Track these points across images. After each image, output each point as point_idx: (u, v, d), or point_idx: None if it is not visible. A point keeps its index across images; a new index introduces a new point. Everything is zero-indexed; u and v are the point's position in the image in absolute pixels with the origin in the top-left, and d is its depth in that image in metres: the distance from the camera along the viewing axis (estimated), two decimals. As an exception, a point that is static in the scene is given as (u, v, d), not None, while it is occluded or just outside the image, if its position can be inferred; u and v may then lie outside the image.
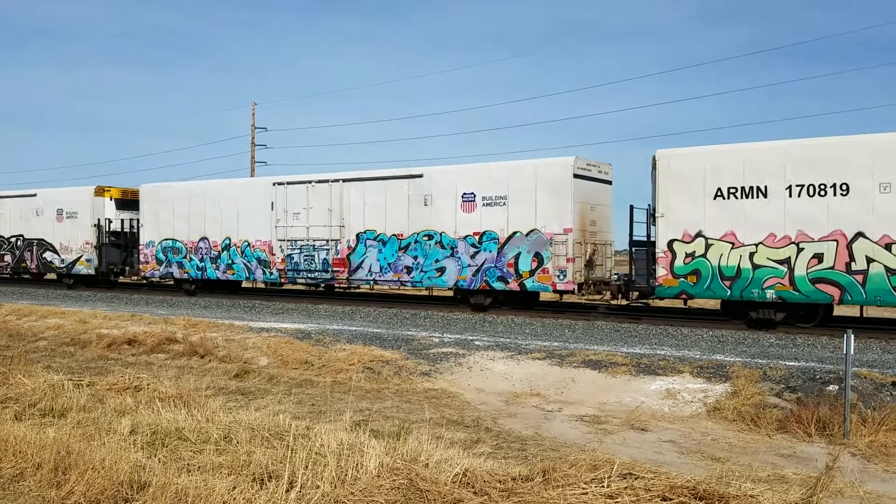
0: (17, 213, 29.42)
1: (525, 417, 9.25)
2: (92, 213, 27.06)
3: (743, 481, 5.39)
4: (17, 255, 29.27)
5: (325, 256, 21.01)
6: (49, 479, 5.83)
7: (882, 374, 9.72)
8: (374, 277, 20.16)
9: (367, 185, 20.46)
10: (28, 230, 28.93)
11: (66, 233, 27.66)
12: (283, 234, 21.86)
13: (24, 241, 29.01)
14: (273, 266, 22.07)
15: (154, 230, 25.15)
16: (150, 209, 25.32)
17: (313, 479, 5.51)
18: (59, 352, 14.39)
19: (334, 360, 12.33)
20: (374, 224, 20.22)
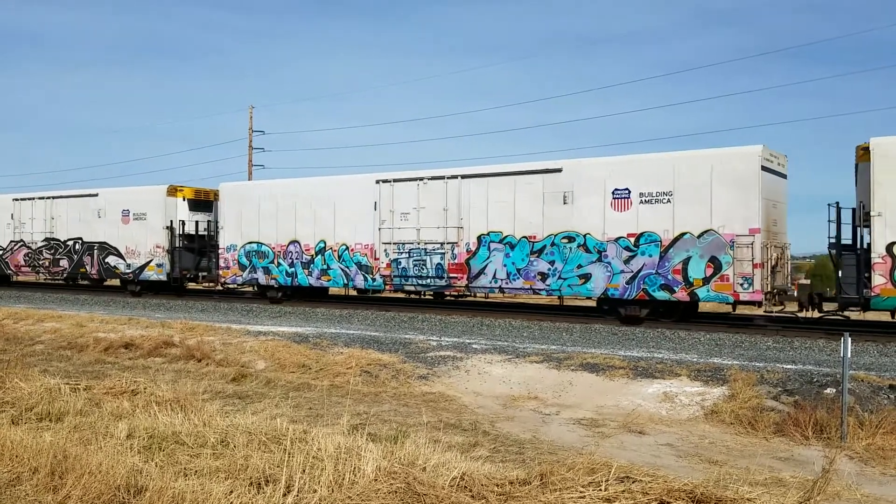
0: (74, 215, 27.04)
1: (523, 421, 9.24)
2: (164, 214, 24.94)
3: (740, 484, 5.39)
4: (75, 259, 26.92)
5: (438, 261, 18.90)
6: (45, 483, 5.81)
7: (879, 377, 9.73)
8: (499, 285, 17.97)
9: (492, 182, 18.25)
10: (88, 233, 26.60)
11: (134, 235, 25.46)
12: (389, 237, 19.79)
13: (84, 245, 26.66)
14: (376, 272, 20.00)
15: (236, 232, 22.93)
16: (233, 209, 23.06)
17: (310, 483, 5.51)
18: (55, 356, 14.37)
19: (332, 363, 12.33)
20: (500, 225, 18.01)
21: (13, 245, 28.83)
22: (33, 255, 28.13)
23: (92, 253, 26.55)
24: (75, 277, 27.50)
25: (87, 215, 26.88)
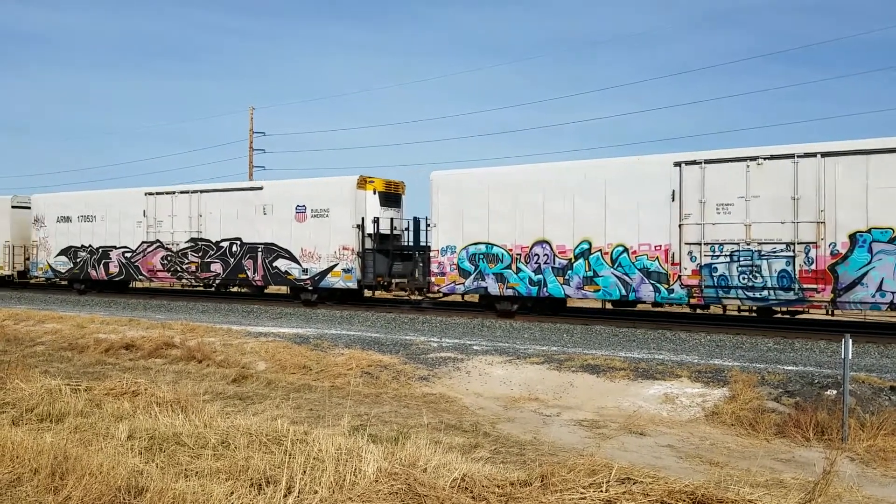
0: (230, 211, 23.23)
1: (523, 422, 9.24)
2: (353, 210, 20.90)
3: (741, 486, 5.39)
4: (232, 263, 23.01)
5: (783, 267, 14.68)
6: (46, 484, 5.81)
7: (880, 378, 9.72)
8: (890, 299, 13.75)
9: (872, 161, 13.90)
10: (250, 232, 22.76)
11: (312, 236, 21.49)
12: (696, 236, 15.51)
13: (243, 247, 22.87)
14: (674, 280, 15.76)
15: (454, 231, 18.68)
16: (449, 204, 18.85)
17: (311, 484, 5.50)
18: (56, 357, 14.37)
19: (332, 364, 12.33)
20: (887, 219, 13.73)
21: (146, 247, 25.02)
22: (174, 259, 24.32)
23: (255, 256, 22.54)
24: (231, 283, 23.64)
25: (249, 212, 22.87)
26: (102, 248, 26.33)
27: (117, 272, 25.85)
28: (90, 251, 26.52)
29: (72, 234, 27.11)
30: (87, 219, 26.74)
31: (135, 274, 25.64)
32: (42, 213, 28.13)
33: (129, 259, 25.54)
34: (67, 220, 27.39)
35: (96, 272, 26.41)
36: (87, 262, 26.62)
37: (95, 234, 26.45)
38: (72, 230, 27.14)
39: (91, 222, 26.60)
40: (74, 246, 27.05)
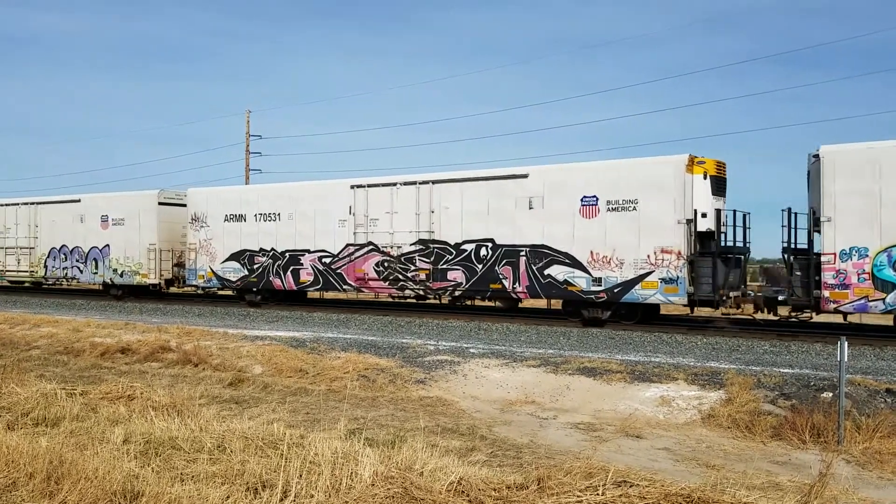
0: (477, 206, 18.35)
1: (520, 425, 9.24)
2: (678, 200, 15.86)
3: (737, 488, 5.39)
4: (480, 270, 18.20)
5: None
6: (42, 488, 5.79)
7: (876, 380, 9.74)
8: None
9: None
10: (507, 232, 17.88)
11: (608, 235, 16.66)
12: None
13: (497, 250, 17.97)
14: None
15: (864, 227, 13.92)
16: (853, 189, 14.02)
17: (307, 488, 5.50)
18: (52, 361, 14.33)
19: (329, 368, 12.31)
20: None
21: (353, 250, 20.48)
22: (393, 265, 19.60)
23: (515, 260, 17.71)
24: (478, 295, 18.68)
25: (506, 206, 17.98)
26: (290, 252, 21.64)
27: (311, 281, 21.25)
28: (272, 256, 21.95)
29: (246, 235, 22.60)
30: (269, 217, 22.21)
31: (336, 283, 20.71)
32: (203, 211, 23.62)
33: (327, 265, 20.82)
34: (240, 220, 22.80)
35: (281, 280, 21.74)
36: (268, 269, 22.08)
37: (280, 236, 21.89)
38: (246, 231, 22.61)
39: (273, 221, 22.08)
40: (250, 250, 22.52)
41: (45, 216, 28.30)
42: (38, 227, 28.41)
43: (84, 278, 27.06)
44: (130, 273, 25.54)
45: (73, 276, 27.35)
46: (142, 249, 25.26)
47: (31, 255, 28.60)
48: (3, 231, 29.51)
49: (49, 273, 28.05)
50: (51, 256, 28.04)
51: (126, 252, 25.72)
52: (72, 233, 27.30)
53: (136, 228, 25.52)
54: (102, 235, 26.39)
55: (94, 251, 26.67)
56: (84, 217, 27.03)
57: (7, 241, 29.46)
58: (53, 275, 28.02)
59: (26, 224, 28.86)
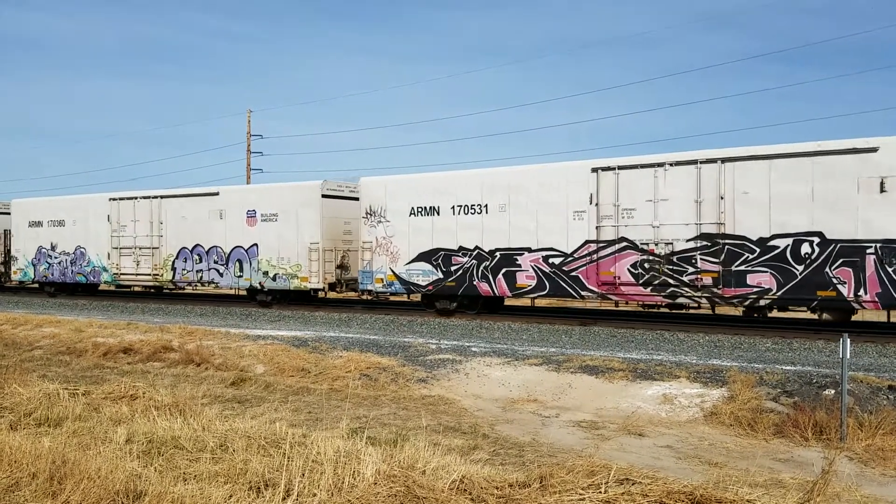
0: (787, 189, 14.46)
1: (522, 423, 9.24)
2: None
3: (740, 486, 5.39)
4: (801, 272, 14.38)
5: None
6: (44, 488, 5.80)
7: (878, 377, 9.74)
8: None
9: None
10: (844, 223, 13.97)
11: None
12: None
13: (829, 246, 14.08)
14: None
15: None
16: None
17: (310, 486, 5.50)
18: (54, 361, 14.35)
19: (331, 367, 12.32)
20: None
21: (595, 248, 16.72)
22: (659, 266, 15.90)
23: (859, 260, 13.76)
24: (794, 304, 14.95)
25: (838, 187, 13.98)
26: (502, 250, 17.86)
27: (532, 285, 17.43)
28: (476, 255, 18.23)
29: (440, 231, 18.89)
30: (471, 209, 18.48)
31: (570, 287, 17.05)
32: (381, 204, 19.86)
33: (558, 266, 17.16)
34: (431, 213, 19.10)
35: (490, 285, 17.98)
36: (471, 272, 18.31)
37: (488, 232, 18.16)
38: (440, 226, 18.88)
39: (477, 214, 18.36)
40: (444, 249, 18.78)
41: (172, 211, 24.61)
42: (164, 223, 24.72)
43: (225, 282, 23.49)
44: (286, 276, 22.01)
45: (211, 280, 23.73)
46: (301, 249, 21.61)
47: (155, 255, 24.92)
48: (118, 229, 25.83)
49: (178, 276, 24.42)
50: (180, 258, 24.37)
51: (280, 252, 22.10)
52: (208, 230, 23.69)
53: (293, 225, 21.87)
54: (249, 233, 22.81)
55: (239, 251, 23.08)
56: (224, 212, 23.42)
57: (123, 240, 25.77)
58: (185, 278, 24.33)
59: (147, 221, 25.14)
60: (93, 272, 26.71)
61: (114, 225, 26.02)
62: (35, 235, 28.47)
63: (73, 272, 27.22)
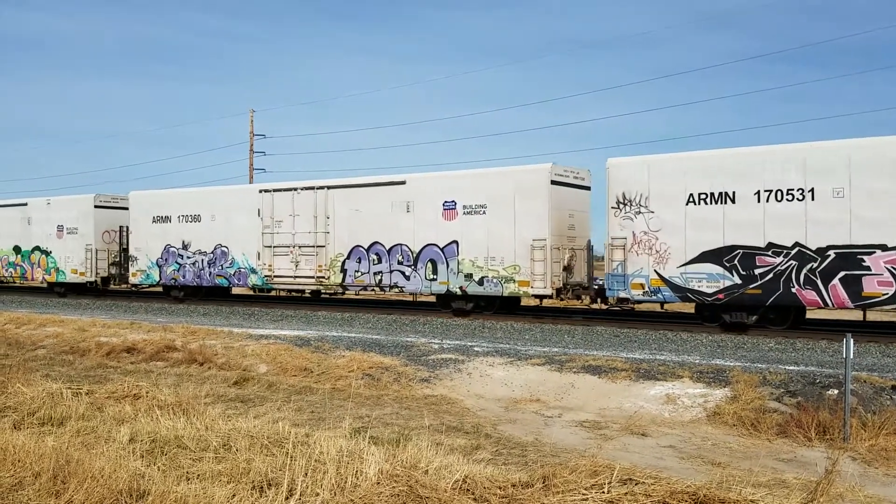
0: None
1: (525, 423, 9.24)
2: None
3: (743, 486, 5.38)
4: None
5: None
6: (48, 487, 5.81)
7: (882, 377, 9.72)
8: None
9: None
10: None
11: None
12: None
13: None
14: None
15: None
16: None
17: (313, 486, 5.50)
18: (57, 360, 14.37)
19: (333, 366, 12.33)
20: None
21: None
22: None
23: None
24: None
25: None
26: (840, 249, 14.05)
27: (890, 294, 13.71)
28: (797, 255, 14.46)
29: (734, 224, 15.06)
30: (786, 195, 14.65)
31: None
32: (640, 190, 16.24)
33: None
34: (720, 200, 15.30)
35: (820, 293, 14.25)
36: (788, 276, 14.67)
37: (814, 224, 14.29)
38: (735, 217, 15.10)
39: (797, 202, 14.54)
40: (744, 246, 15.05)
41: (342, 204, 21.22)
42: (331, 218, 21.36)
43: (412, 286, 20.04)
44: (497, 280, 18.48)
45: (394, 284, 20.29)
46: (519, 247, 18.18)
47: (320, 255, 21.52)
48: (272, 225, 22.52)
49: (350, 279, 20.93)
50: (352, 257, 20.95)
51: (489, 251, 18.61)
52: (389, 225, 20.25)
53: (507, 218, 18.38)
54: (446, 228, 19.34)
55: (431, 250, 19.68)
56: (412, 204, 20.00)
57: (278, 237, 22.38)
58: (358, 281, 20.83)
59: (311, 215, 21.71)
60: (237, 274, 23.24)
61: (265, 220, 22.57)
62: (161, 232, 25.11)
63: (212, 274, 23.76)
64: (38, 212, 29.28)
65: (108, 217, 27.70)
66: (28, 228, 29.58)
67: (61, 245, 28.41)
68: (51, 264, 28.73)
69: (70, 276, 28.07)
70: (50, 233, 28.71)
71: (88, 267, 27.36)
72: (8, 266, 30.37)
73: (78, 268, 27.77)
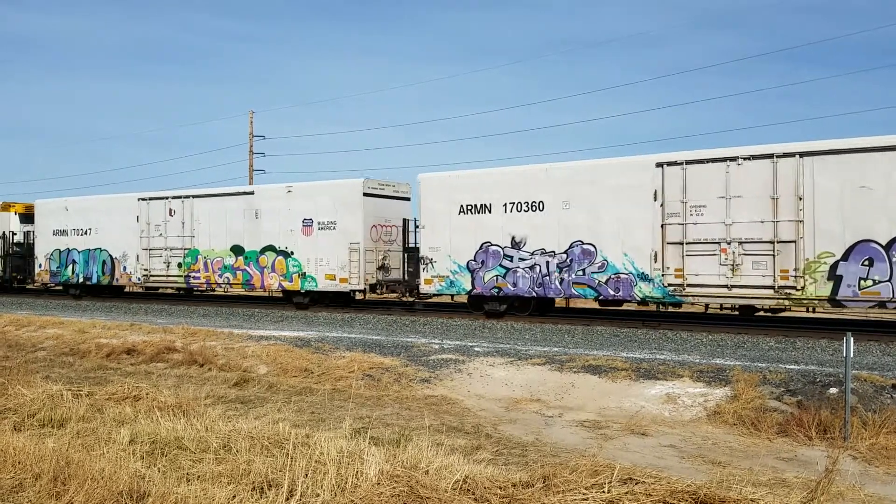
0: None
1: (525, 423, 9.24)
2: None
3: (744, 485, 5.38)
4: None
5: None
6: (48, 489, 5.81)
7: (882, 376, 9.72)
8: None
9: None
10: None
11: None
12: None
13: None
14: None
15: None
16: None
17: (313, 487, 5.50)
18: (58, 362, 14.37)
19: (334, 367, 12.32)
20: None
21: None
22: None
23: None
24: None
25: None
26: None
27: None
28: None
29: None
30: None
31: None
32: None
33: None
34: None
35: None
36: None
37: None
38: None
39: None
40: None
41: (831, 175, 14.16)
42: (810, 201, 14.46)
43: None
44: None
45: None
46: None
47: (782, 254, 14.73)
48: (687, 213, 15.80)
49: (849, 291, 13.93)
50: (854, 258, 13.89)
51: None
52: None
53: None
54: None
55: None
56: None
57: (680, 231, 15.90)
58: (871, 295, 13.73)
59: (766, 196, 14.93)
60: (614, 282, 16.62)
61: (672, 206, 15.94)
62: (475, 226, 18.63)
63: (565, 281, 17.18)
64: (272, 201, 22.76)
65: (376, 208, 21.57)
66: (255, 223, 23.01)
67: (309, 244, 21.88)
68: (292, 268, 22.20)
69: (324, 282, 21.55)
70: (291, 228, 22.22)
71: (353, 271, 20.97)
72: (223, 271, 23.58)
73: (336, 272, 21.29)
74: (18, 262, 29.94)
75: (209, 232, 23.96)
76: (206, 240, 24.04)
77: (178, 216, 24.65)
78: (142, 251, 25.54)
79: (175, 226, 24.74)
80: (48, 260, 28.13)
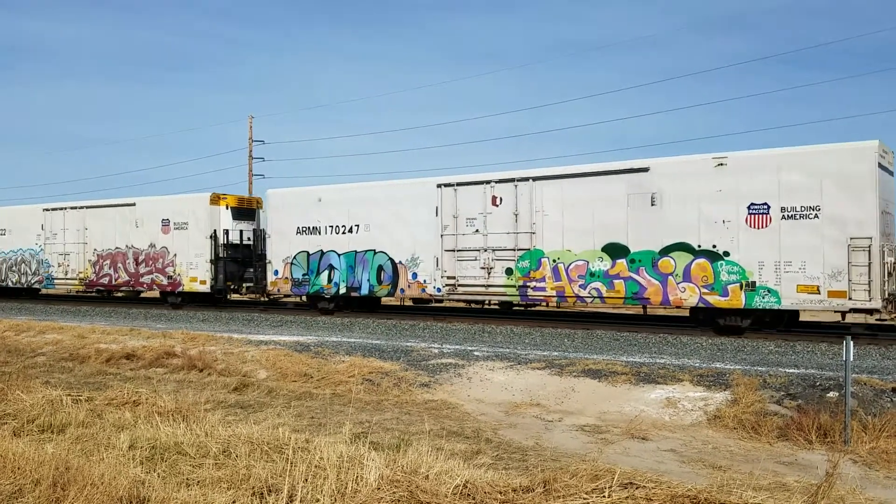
0: None
1: (525, 428, 9.23)
2: None
3: (744, 489, 5.37)
4: None
5: None
6: (48, 495, 5.80)
7: (882, 380, 9.71)
8: None
9: None
10: None
11: None
12: None
13: None
14: None
15: None
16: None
17: (313, 492, 5.50)
18: (57, 367, 14.36)
19: (333, 372, 12.31)
20: None
21: None
22: None
23: None
24: None
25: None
26: None
27: None
28: None
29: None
30: None
31: None
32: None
33: None
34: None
35: None
36: None
37: None
38: None
39: None
40: None
41: None
42: None
43: None
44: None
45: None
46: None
47: None
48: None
49: None
50: None
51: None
52: None
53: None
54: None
55: None
56: None
57: None
58: None
59: None
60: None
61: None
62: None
63: None
64: (681, 182, 15.58)
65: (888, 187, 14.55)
66: (649, 214, 15.98)
67: (764, 239, 14.58)
68: (727, 275, 14.92)
69: (791, 297, 14.24)
70: (727, 219, 14.97)
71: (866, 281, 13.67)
72: (587, 278, 16.75)
73: (827, 282, 13.92)
74: (233, 269, 23.92)
75: (562, 226, 17.37)
76: (558, 237, 17.51)
77: (508, 206, 18.12)
78: (444, 253, 19.18)
79: (501, 219, 18.28)
80: (288, 265, 21.88)
